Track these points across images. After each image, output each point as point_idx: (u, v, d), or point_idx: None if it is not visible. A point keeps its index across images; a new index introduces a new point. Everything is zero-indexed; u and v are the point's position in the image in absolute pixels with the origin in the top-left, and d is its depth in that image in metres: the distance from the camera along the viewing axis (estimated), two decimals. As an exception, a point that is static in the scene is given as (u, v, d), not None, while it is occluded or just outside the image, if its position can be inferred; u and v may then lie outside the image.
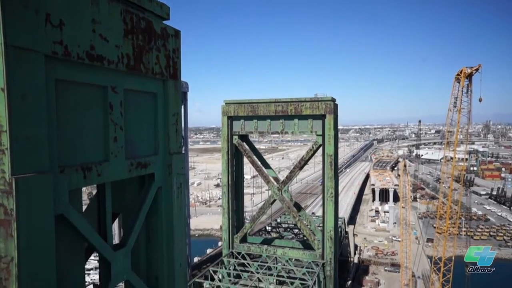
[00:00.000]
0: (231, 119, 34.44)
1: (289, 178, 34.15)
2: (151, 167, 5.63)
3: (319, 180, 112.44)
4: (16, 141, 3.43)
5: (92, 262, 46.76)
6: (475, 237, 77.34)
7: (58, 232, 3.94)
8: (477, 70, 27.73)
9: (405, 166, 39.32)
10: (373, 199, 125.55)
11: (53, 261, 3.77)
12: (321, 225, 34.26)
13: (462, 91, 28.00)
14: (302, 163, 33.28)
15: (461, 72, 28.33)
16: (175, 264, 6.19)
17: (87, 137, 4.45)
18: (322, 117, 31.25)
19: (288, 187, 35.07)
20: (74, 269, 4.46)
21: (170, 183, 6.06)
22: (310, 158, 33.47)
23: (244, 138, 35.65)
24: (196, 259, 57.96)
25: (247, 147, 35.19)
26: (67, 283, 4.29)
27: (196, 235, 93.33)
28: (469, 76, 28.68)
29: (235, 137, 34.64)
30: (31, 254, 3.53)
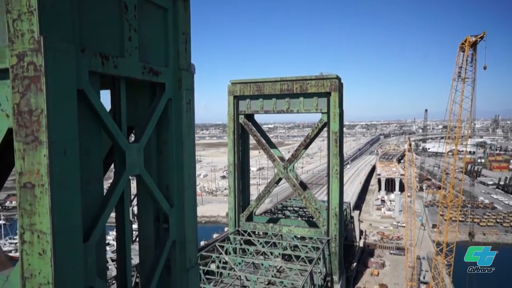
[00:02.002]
0: (237, 98, 34.76)
1: (295, 156, 34.43)
2: (162, 77, 6.01)
3: (324, 171, 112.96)
4: (44, 5, 3.82)
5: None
6: (481, 224, 77.64)
7: (79, 108, 4.34)
8: (481, 38, 27.54)
9: (410, 145, 39.19)
10: (379, 189, 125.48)
11: (76, 120, 4.18)
12: (326, 205, 34.56)
13: (466, 60, 28.02)
14: (307, 141, 33.57)
15: (465, 41, 28.26)
16: (185, 175, 6.59)
17: (105, 30, 4.86)
18: (327, 94, 31.45)
19: (293, 166, 35.39)
20: (93, 150, 4.87)
21: (179, 97, 6.45)
22: (315, 136, 33.73)
23: (250, 117, 35.97)
24: (202, 243, 58.78)
25: (252, 126, 35.51)
26: (88, 159, 4.70)
27: (203, 221, 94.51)
28: (474, 45, 28.58)
29: (241, 116, 34.99)
30: (58, 106, 3.94)
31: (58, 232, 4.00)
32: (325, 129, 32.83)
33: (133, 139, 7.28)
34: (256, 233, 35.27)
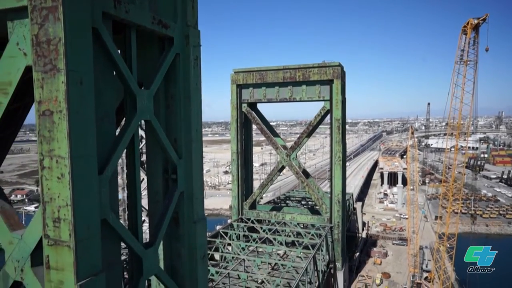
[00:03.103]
0: (240, 87, 34.91)
1: (297, 144, 34.58)
2: (170, 30, 6.21)
3: (327, 166, 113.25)
4: None
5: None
6: (484, 215, 77.78)
7: (93, 46, 4.56)
8: (484, 20, 27.51)
9: (413, 133, 39.08)
10: (382, 183, 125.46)
11: (91, 52, 4.39)
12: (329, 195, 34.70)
13: (468, 43, 27.98)
14: (310, 129, 33.70)
15: (468, 23, 28.22)
16: (192, 129, 6.81)
17: None
18: (329, 82, 31.54)
19: (296, 154, 35.57)
20: (106, 91, 5.08)
21: (187, 53, 6.66)
22: (318, 124, 33.83)
23: (253, 106, 36.13)
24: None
25: (255, 115, 35.67)
26: (101, 97, 4.92)
27: (206, 214, 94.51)
28: (476, 28, 28.54)
29: (244, 105, 35.15)
30: (74, 36, 4.15)
31: (75, 157, 4.22)
32: (326, 129, 32.95)
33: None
34: (260, 221, 35.51)
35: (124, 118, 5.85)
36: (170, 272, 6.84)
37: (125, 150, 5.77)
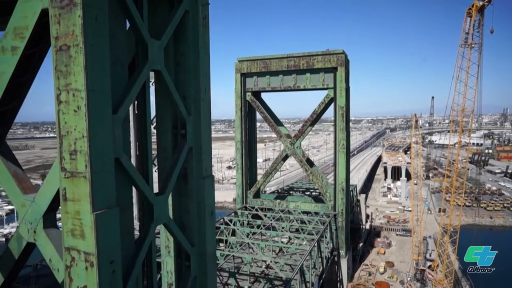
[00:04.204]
0: (244, 76, 34.99)
1: (301, 132, 34.68)
2: None
3: (330, 161, 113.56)
4: None
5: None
6: (488, 208, 77.60)
7: None
8: (489, 1, 27.29)
9: (417, 121, 38.82)
10: (385, 177, 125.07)
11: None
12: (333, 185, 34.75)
13: (473, 25, 27.76)
14: (314, 117, 33.75)
15: (473, 5, 28.01)
16: (201, 88, 6.96)
17: None
18: (333, 70, 31.55)
19: (300, 143, 35.66)
20: (118, 35, 5.22)
21: (196, 11, 6.79)
22: (322, 112, 33.89)
23: (257, 95, 36.21)
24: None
25: (259, 103, 35.76)
26: (114, 41, 5.06)
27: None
28: (481, 10, 28.34)
29: (248, 93, 35.24)
30: None
31: (91, 90, 4.38)
32: (329, 126, 32.96)
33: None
34: (264, 210, 35.68)
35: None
36: (179, 228, 7.00)
37: (136, 102, 5.93)
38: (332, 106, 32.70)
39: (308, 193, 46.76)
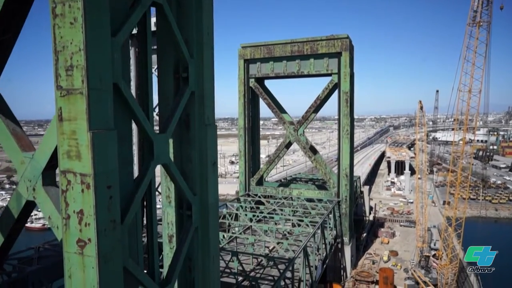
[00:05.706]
0: (247, 62, 34.70)
1: (305, 118, 34.39)
2: None
3: (334, 157, 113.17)
4: None
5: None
6: (493, 201, 77.48)
7: None
8: None
9: (422, 108, 37.87)
10: (389, 172, 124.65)
11: None
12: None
13: (482, 3, 27.28)
14: (317, 103, 33.43)
15: None
16: (204, 32, 6.72)
17: None
18: (337, 55, 31.21)
19: (303, 130, 35.40)
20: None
21: None
22: (325, 98, 33.55)
23: (261, 81, 35.94)
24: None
25: (262, 90, 35.48)
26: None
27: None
28: None
29: (252, 80, 34.98)
30: None
31: (88, 1, 4.16)
32: (333, 123, 32.65)
33: None
34: (266, 197, 35.50)
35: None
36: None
37: (137, 27, 5.71)
38: (335, 107, 32.30)
39: (311, 182, 46.55)
